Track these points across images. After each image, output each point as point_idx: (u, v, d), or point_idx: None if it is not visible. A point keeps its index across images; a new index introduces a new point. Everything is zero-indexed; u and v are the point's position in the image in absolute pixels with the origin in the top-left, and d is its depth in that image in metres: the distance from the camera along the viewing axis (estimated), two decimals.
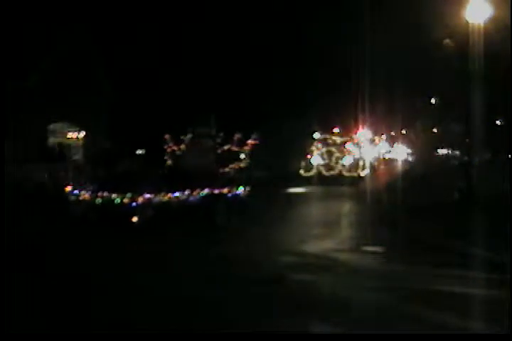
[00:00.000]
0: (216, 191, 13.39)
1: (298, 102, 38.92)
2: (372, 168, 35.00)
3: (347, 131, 35.76)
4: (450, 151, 56.36)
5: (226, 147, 18.90)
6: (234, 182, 15.08)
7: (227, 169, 16.87)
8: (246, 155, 18.47)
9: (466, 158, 17.36)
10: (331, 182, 26.45)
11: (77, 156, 25.16)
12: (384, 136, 58.81)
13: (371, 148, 39.78)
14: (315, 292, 7.28)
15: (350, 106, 37.50)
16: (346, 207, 19.24)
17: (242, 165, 17.94)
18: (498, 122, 26.90)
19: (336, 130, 34.86)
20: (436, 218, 13.06)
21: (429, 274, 8.18)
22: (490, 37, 14.74)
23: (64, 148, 23.34)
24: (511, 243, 9.06)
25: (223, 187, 13.82)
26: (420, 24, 22.90)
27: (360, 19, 30.91)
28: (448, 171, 28.86)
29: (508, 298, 6.49)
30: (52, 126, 23.56)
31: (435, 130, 58.51)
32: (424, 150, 60.79)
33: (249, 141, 17.75)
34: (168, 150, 23.26)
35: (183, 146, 22.03)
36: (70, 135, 24.92)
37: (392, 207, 15.92)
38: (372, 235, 11.65)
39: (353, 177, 27.49)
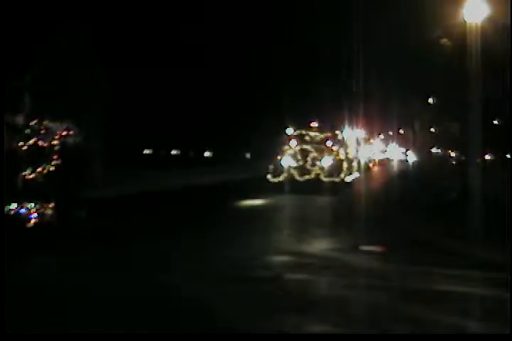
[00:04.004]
0: None
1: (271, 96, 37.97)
2: (366, 168, 33.67)
3: (330, 126, 29.92)
4: (447, 151, 56.42)
5: (32, 141, 12.59)
6: (35, 196, 10.31)
7: (32, 174, 11.25)
8: (54, 154, 11.85)
9: (463, 157, 17.38)
10: (306, 189, 20.73)
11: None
12: (381, 136, 58.88)
13: (365, 148, 39.15)
14: (314, 292, 7.27)
15: (339, 101, 36.99)
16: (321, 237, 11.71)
17: (52, 168, 11.58)
18: (495, 122, 26.94)
19: (315, 124, 28.59)
20: (434, 218, 13.08)
21: (428, 274, 8.17)
22: (487, 36, 14.77)
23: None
24: (511, 243, 9.07)
25: None
26: (417, 23, 22.93)
27: (357, 18, 30.96)
28: (446, 171, 28.93)
29: (508, 298, 6.49)
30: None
31: (433, 129, 58.60)
32: (421, 150, 60.73)
33: (60, 132, 12.24)
34: None
35: None
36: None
37: (390, 208, 15.89)
38: (371, 236, 11.61)
39: (334, 183, 21.90)
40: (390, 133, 61.54)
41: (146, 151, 53.46)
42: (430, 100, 39.03)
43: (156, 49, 39.86)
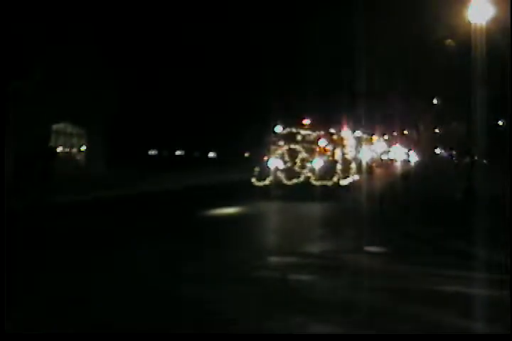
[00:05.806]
0: None
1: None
2: (368, 170, 32.91)
3: (327, 125, 26.61)
4: (451, 151, 56.42)
5: None
6: None
7: None
8: None
9: (467, 158, 17.36)
10: (292, 194, 18.75)
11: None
12: (385, 136, 58.78)
13: (366, 148, 38.58)
14: (315, 292, 7.27)
15: (339, 101, 36.89)
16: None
17: None
18: (500, 122, 26.89)
19: (307, 122, 25.94)
20: (437, 218, 13.06)
21: (430, 274, 8.16)
22: (492, 37, 14.77)
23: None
24: (511, 243, 9.07)
25: None
26: (422, 24, 22.94)
27: (362, 18, 30.95)
28: (449, 171, 28.85)
29: (508, 298, 6.48)
30: (55, 126, 23.62)
31: (437, 130, 58.56)
32: (425, 151, 60.57)
33: None
34: None
35: None
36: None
37: (389, 209, 15.83)
38: (374, 236, 11.59)
39: (327, 187, 19.44)
40: (395, 133, 61.46)
41: (151, 152, 53.62)
42: (434, 101, 38.94)
43: (159, 49, 40.00)
